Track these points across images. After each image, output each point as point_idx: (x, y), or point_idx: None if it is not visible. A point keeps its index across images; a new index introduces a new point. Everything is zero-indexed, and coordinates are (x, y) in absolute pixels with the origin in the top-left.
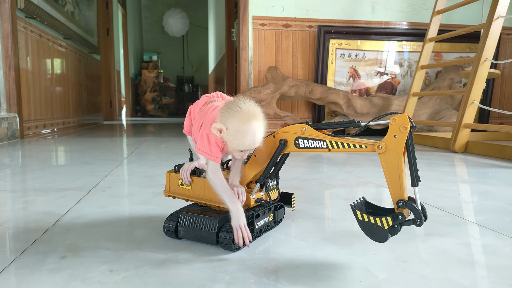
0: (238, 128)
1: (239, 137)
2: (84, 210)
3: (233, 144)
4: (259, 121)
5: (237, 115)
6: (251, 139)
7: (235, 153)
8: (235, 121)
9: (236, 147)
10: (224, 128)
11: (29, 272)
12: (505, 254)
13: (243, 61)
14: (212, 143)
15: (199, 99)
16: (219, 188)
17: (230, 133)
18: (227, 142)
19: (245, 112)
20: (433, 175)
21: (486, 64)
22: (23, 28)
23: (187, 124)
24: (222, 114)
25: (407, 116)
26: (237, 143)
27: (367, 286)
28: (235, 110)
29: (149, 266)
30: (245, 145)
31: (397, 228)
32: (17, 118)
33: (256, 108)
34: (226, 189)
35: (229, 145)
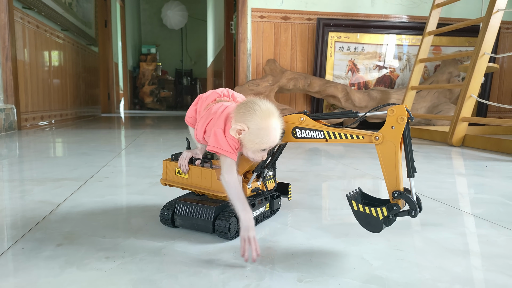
0: (260, 125)
1: (262, 135)
2: (80, 199)
3: (255, 143)
4: (278, 119)
5: (258, 113)
6: (274, 136)
7: (254, 154)
8: (257, 119)
9: (258, 147)
10: (245, 128)
11: (25, 258)
12: (500, 244)
13: (241, 54)
14: (230, 140)
15: (208, 93)
16: (233, 192)
17: (252, 132)
18: (247, 142)
19: (265, 110)
20: (430, 168)
21: (484, 58)
22: (20, 19)
23: (191, 114)
24: (240, 114)
25: (405, 107)
26: (259, 142)
27: (362, 273)
28: (254, 108)
29: (145, 254)
30: (268, 143)
31: (392, 218)
32: (15, 109)
33: (273, 106)
34: (240, 194)
35: (249, 145)
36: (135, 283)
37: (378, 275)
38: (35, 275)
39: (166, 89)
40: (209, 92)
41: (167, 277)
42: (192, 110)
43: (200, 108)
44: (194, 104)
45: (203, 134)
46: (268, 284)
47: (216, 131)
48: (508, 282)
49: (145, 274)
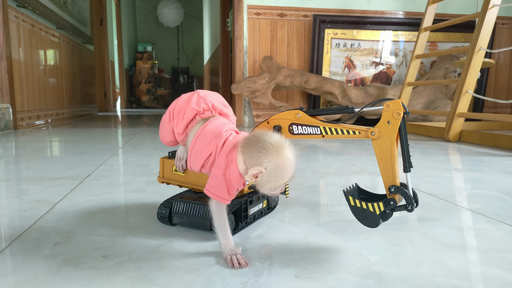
0: (276, 164)
1: (279, 172)
2: (77, 198)
3: (272, 183)
4: (290, 149)
5: (271, 151)
6: (291, 169)
7: (274, 191)
8: (272, 157)
9: (276, 185)
10: (263, 170)
11: (23, 258)
12: (496, 238)
13: (238, 51)
14: (231, 185)
15: (183, 108)
16: (217, 223)
17: (270, 172)
18: (265, 183)
19: (276, 144)
20: (426, 163)
21: (480, 53)
22: (14, 18)
23: (169, 137)
24: (253, 155)
25: (401, 102)
26: (278, 180)
27: (359, 269)
28: (266, 147)
29: (143, 252)
30: (287, 178)
31: (388, 213)
32: (10, 108)
33: (281, 136)
34: (223, 227)
35: (268, 185)
36: (133, 281)
37: (375, 270)
38: (33, 274)
39: (162, 87)
40: (183, 105)
41: (165, 275)
42: (168, 133)
43: (177, 128)
44: (167, 122)
45: (200, 167)
46: (266, 280)
47: (216, 175)
48: (505, 276)
49: (143, 272)
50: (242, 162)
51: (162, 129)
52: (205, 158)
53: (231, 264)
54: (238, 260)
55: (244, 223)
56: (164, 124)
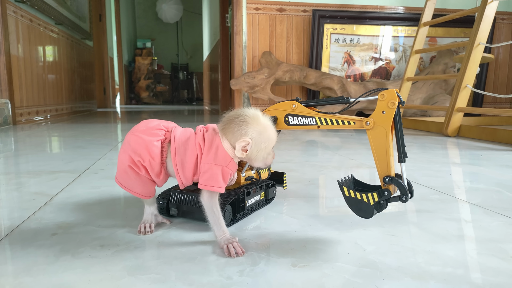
0: (259, 130)
1: (264, 138)
2: (76, 190)
3: (262, 150)
4: (265, 117)
5: (250, 120)
6: (273, 131)
7: (265, 160)
8: (253, 125)
9: (267, 151)
10: (249, 140)
11: (21, 247)
12: (492, 229)
13: (237, 46)
14: (225, 173)
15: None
16: (211, 216)
17: (256, 142)
18: (256, 153)
19: (252, 115)
20: (424, 157)
21: (479, 48)
22: (13, 13)
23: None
24: (235, 132)
25: (395, 91)
26: (266, 145)
27: (355, 258)
28: (244, 120)
29: (140, 242)
30: (273, 141)
31: (383, 204)
32: (9, 104)
33: (254, 108)
34: (218, 219)
35: (259, 155)
36: (129, 270)
37: (371, 259)
38: (31, 263)
39: (162, 83)
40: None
41: (162, 263)
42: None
43: (153, 170)
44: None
45: (192, 176)
46: (262, 269)
47: (207, 168)
48: (501, 265)
49: (140, 261)
50: (228, 144)
51: (133, 185)
52: (194, 162)
53: (227, 253)
54: (235, 248)
55: (242, 214)
56: (131, 181)
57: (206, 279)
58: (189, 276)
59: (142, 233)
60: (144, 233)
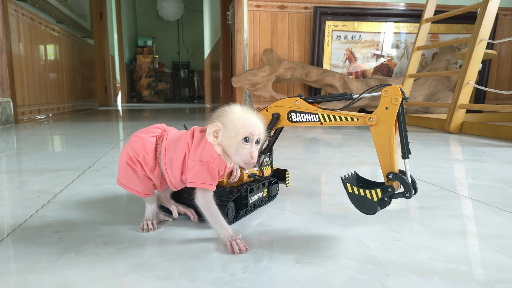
0: (232, 117)
1: (237, 125)
2: (79, 188)
3: (233, 137)
4: (252, 112)
5: (228, 110)
6: (250, 123)
7: (239, 152)
8: (229, 114)
9: (237, 139)
10: (220, 125)
11: (24, 245)
12: (496, 225)
13: (238, 44)
14: (212, 168)
15: (143, 144)
16: (211, 215)
17: (228, 127)
18: (226, 140)
19: (235, 107)
20: (427, 154)
21: (482, 44)
22: (14, 11)
23: (140, 181)
24: (212, 118)
25: (399, 87)
26: (236, 132)
27: (359, 255)
28: (225, 109)
29: (144, 239)
30: (246, 129)
31: (386, 200)
32: (11, 103)
33: (245, 106)
34: (217, 218)
35: (229, 143)
36: (133, 267)
37: (375, 255)
38: (34, 260)
39: (163, 81)
40: (136, 147)
41: (166, 260)
42: (141, 180)
43: (147, 165)
44: (132, 172)
45: (180, 175)
46: (266, 265)
47: (193, 165)
48: (504, 261)
49: (143, 258)
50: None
51: (132, 183)
52: (181, 161)
53: (231, 250)
54: (238, 245)
55: (245, 211)
56: (130, 178)
57: (209, 275)
58: (192, 273)
59: (145, 230)
60: (147, 231)
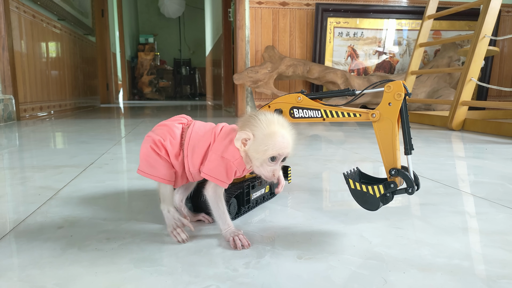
0: (265, 132)
1: (267, 141)
2: (81, 184)
3: (260, 152)
4: (286, 127)
5: (263, 120)
6: (281, 142)
7: (262, 167)
8: (262, 125)
9: (264, 156)
10: (251, 136)
11: (27, 240)
12: (498, 221)
13: (240, 41)
14: (230, 167)
15: (170, 131)
16: (217, 210)
17: (258, 140)
18: (253, 153)
19: (271, 118)
20: (429, 151)
21: (484, 41)
22: (15, 8)
23: (162, 165)
24: (245, 123)
25: (402, 83)
26: (265, 149)
27: (361, 250)
28: (260, 117)
29: (146, 235)
30: (274, 149)
31: (389, 196)
32: (13, 100)
33: (283, 118)
34: (222, 214)
35: (256, 156)
36: (136, 262)
37: (377, 251)
38: (37, 256)
39: (165, 79)
40: (163, 133)
41: (168, 256)
42: (163, 164)
43: (172, 150)
44: (155, 156)
45: (199, 165)
46: (268, 261)
47: (213, 158)
48: (507, 257)
49: (146, 253)
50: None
51: (154, 168)
52: (204, 150)
53: (233, 245)
54: (241, 240)
55: (247, 207)
56: (153, 163)
57: (212, 271)
58: (195, 268)
59: (181, 241)
60: (182, 241)
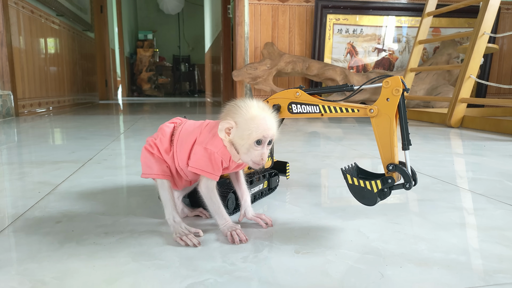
0: (246, 116)
1: (250, 125)
2: (79, 180)
3: (245, 138)
4: (267, 110)
5: (243, 106)
6: (264, 124)
7: (250, 153)
8: (243, 111)
9: (249, 140)
10: (233, 124)
11: (25, 234)
12: (496, 217)
13: (239, 37)
14: (214, 159)
15: (162, 131)
16: (212, 205)
17: (241, 127)
18: (238, 140)
19: (249, 104)
20: (427, 148)
21: (484, 38)
22: (14, 4)
23: (156, 162)
24: (226, 114)
25: (400, 78)
26: (249, 133)
27: (358, 245)
28: (239, 104)
29: (144, 229)
30: (259, 132)
31: (386, 192)
32: (11, 95)
33: (256, 100)
34: (218, 208)
35: (241, 143)
36: (134, 256)
37: (374, 246)
38: (35, 250)
39: (164, 75)
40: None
41: (166, 250)
42: (157, 161)
43: (162, 145)
44: (150, 155)
45: (187, 160)
46: (265, 255)
47: (197, 150)
48: (504, 252)
49: (144, 247)
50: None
51: (149, 166)
52: (191, 145)
53: (231, 240)
54: (238, 235)
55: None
56: (148, 163)
57: (210, 265)
58: (193, 262)
59: (192, 245)
60: (194, 245)
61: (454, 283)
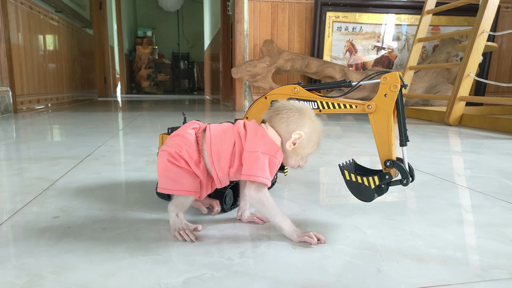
0: (311, 127)
1: (314, 136)
2: (77, 176)
3: (308, 148)
4: (318, 119)
5: (306, 114)
6: (321, 137)
7: (302, 160)
8: (308, 121)
9: (311, 149)
10: (303, 134)
11: (23, 229)
12: (493, 214)
13: (238, 35)
14: (272, 163)
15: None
16: (270, 212)
17: (307, 138)
18: (301, 150)
19: (305, 109)
20: (426, 145)
21: (483, 36)
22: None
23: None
24: (290, 121)
25: (398, 74)
26: (313, 144)
27: (355, 241)
28: (299, 112)
29: (142, 225)
30: (319, 142)
31: (384, 188)
32: (10, 92)
33: (301, 102)
34: (278, 211)
35: (303, 152)
36: (131, 251)
37: (371, 242)
38: (32, 244)
39: (163, 73)
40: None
41: (164, 245)
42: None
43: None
44: (175, 168)
45: (228, 168)
46: (263, 251)
47: (253, 156)
48: (500, 248)
49: (141, 243)
50: (274, 133)
51: (178, 182)
52: (230, 150)
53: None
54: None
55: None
56: (175, 177)
57: (207, 260)
58: (190, 257)
59: (189, 240)
60: (191, 241)
61: (450, 278)
